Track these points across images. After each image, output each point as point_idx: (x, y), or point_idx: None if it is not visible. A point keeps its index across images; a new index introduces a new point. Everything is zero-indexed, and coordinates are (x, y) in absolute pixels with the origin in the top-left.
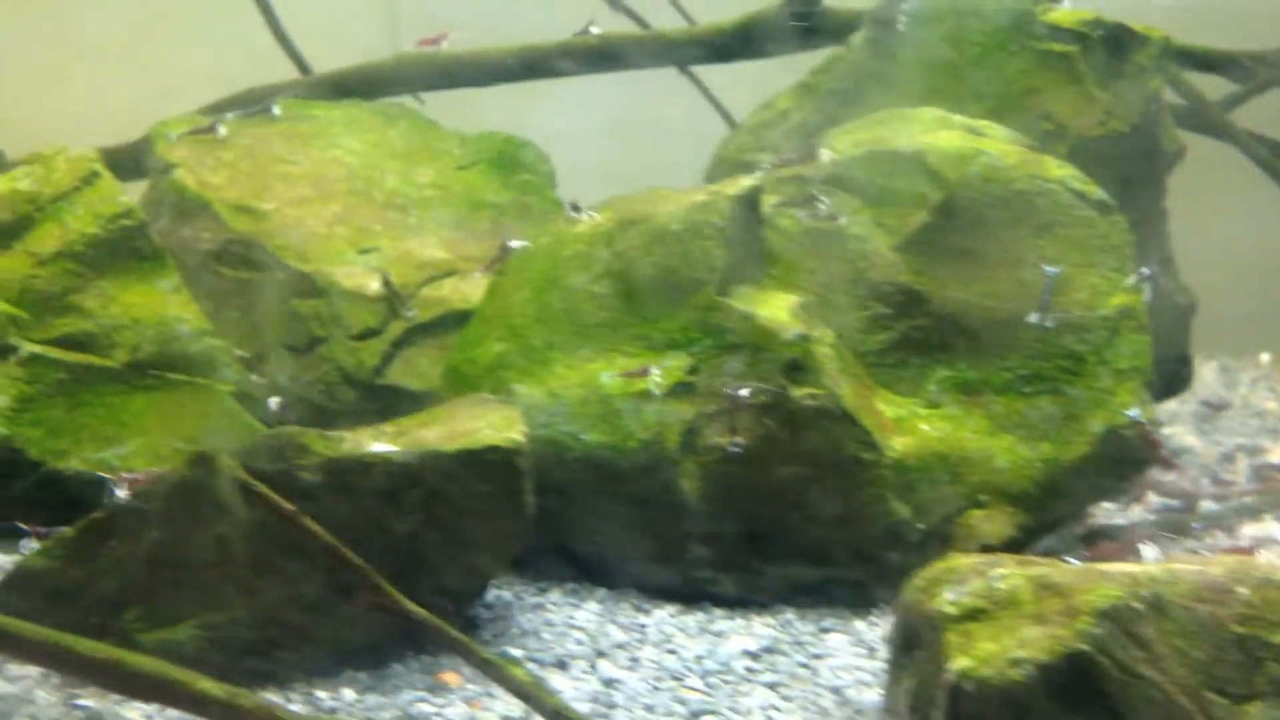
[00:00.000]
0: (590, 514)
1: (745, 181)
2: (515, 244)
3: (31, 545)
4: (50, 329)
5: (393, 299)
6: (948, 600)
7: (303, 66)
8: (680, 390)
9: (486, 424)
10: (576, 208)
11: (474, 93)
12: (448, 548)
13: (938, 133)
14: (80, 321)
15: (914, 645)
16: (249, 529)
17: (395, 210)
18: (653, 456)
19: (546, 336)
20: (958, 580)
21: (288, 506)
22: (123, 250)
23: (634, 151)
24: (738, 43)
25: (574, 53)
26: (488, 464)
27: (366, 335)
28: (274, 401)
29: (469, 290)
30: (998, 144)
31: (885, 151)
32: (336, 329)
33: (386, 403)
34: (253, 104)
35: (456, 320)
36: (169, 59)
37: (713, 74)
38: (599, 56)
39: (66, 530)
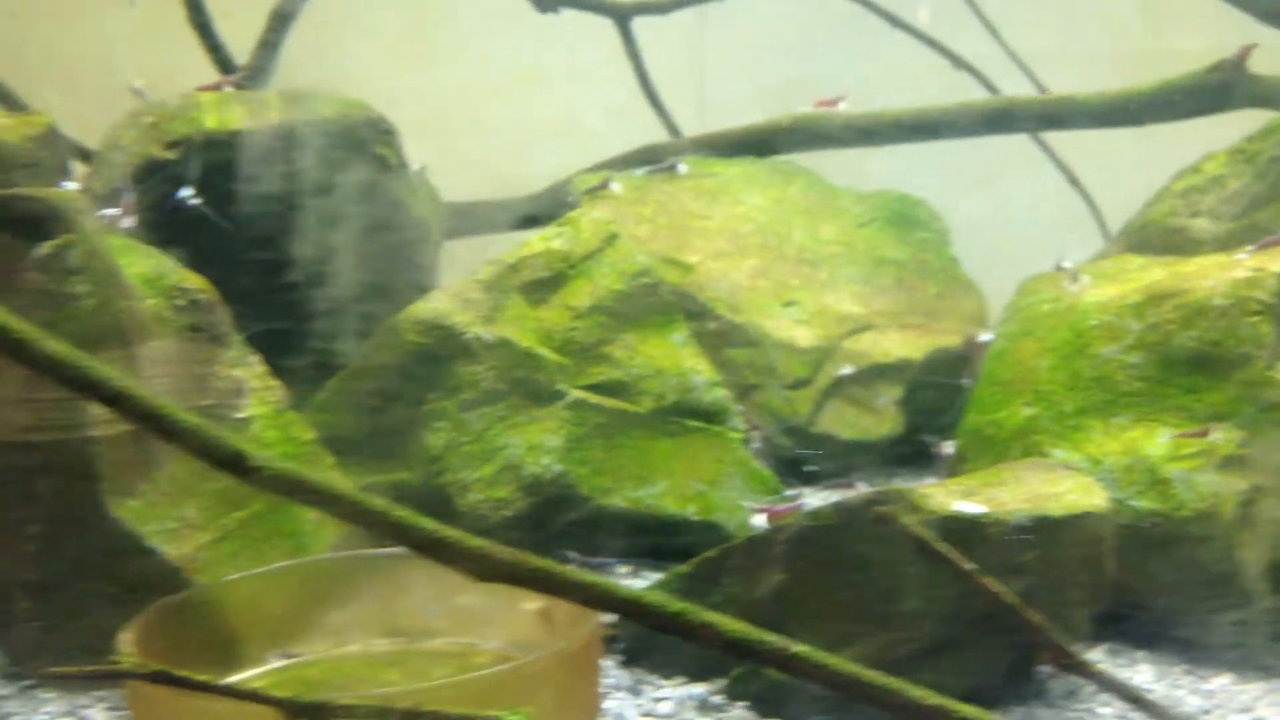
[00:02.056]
0: (1135, 577)
1: None
2: (984, 338)
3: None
4: (588, 376)
5: (820, 351)
6: None
7: (670, 126)
8: (1232, 462)
9: (1068, 489)
10: (1076, 277)
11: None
12: (1049, 608)
13: None
14: (611, 370)
15: None
16: (880, 577)
17: (806, 265)
18: (1208, 526)
19: (1078, 403)
20: None
21: (966, 565)
22: (642, 305)
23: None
24: (1153, 107)
25: (970, 115)
26: (1083, 527)
27: (798, 385)
28: (755, 445)
29: (887, 345)
30: None
31: None
32: (770, 378)
33: (818, 450)
34: (651, 160)
35: (879, 373)
36: (532, 111)
37: None
38: (997, 119)
39: (682, 566)
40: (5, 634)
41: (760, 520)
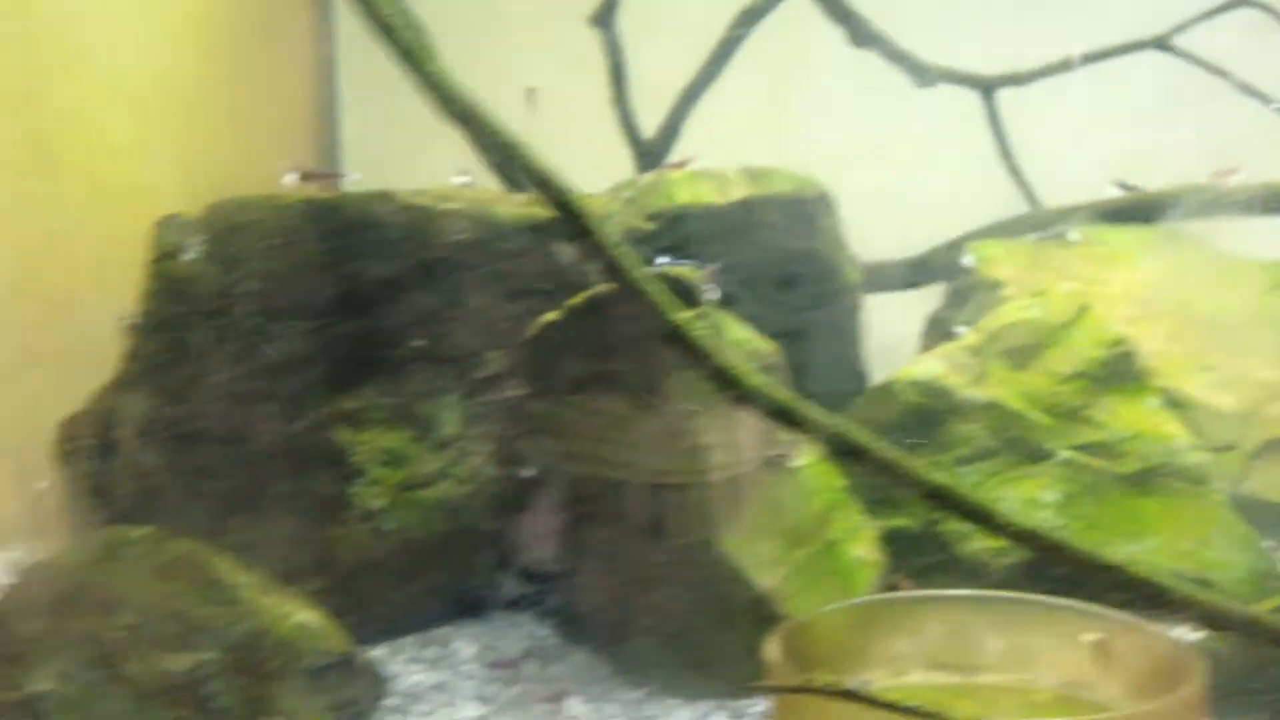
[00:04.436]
0: None
1: None
2: None
3: None
4: (1073, 437)
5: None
6: None
7: (1030, 194)
8: None
9: None
10: None
11: None
12: None
13: None
14: (1095, 432)
15: None
16: None
17: (1216, 331)
18: None
19: None
20: None
21: None
22: (1117, 373)
23: None
24: None
25: None
26: None
27: (1224, 449)
28: None
29: None
30: None
31: None
32: (1199, 441)
33: (1249, 514)
34: (1033, 226)
35: None
36: (882, 176)
37: None
38: None
39: None
40: (623, 646)
41: None
